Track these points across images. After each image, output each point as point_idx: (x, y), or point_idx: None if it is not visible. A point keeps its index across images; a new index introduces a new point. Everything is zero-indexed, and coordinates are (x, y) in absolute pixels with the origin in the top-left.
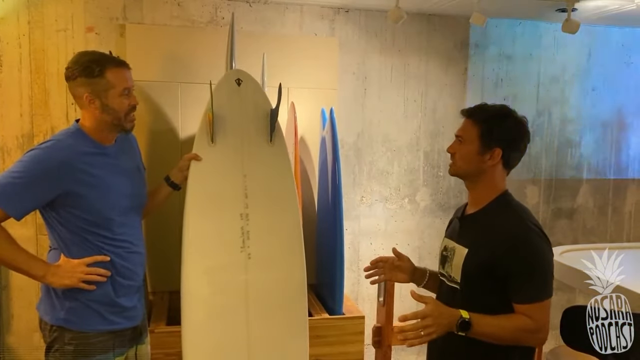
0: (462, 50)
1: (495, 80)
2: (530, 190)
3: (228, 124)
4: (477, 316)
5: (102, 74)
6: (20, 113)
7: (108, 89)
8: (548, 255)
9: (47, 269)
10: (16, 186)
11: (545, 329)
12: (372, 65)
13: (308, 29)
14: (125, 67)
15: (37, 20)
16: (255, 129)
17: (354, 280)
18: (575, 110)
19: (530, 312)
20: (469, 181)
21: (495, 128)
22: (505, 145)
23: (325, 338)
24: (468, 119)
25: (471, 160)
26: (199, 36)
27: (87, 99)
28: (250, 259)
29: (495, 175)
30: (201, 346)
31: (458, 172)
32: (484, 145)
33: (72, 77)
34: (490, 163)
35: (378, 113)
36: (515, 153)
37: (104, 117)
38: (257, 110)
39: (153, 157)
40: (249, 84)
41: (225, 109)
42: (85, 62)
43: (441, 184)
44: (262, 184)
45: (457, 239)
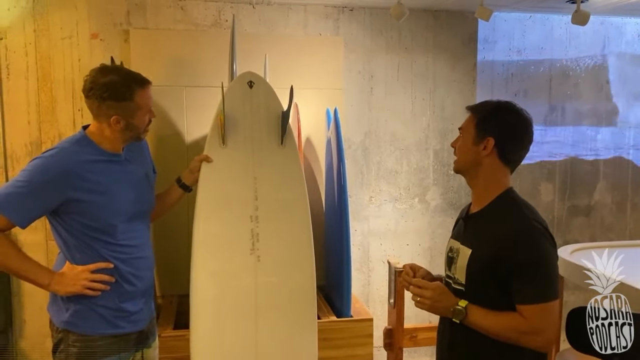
0: (470, 45)
1: (506, 75)
2: (544, 187)
3: (240, 126)
4: (474, 308)
5: (131, 98)
6: (28, 120)
7: (136, 111)
8: (551, 256)
9: (52, 277)
10: (20, 195)
11: (544, 332)
12: (378, 63)
13: (312, 29)
14: (149, 85)
15: (42, 29)
16: (267, 131)
17: (364, 282)
18: (590, 104)
19: (526, 313)
20: (469, 177)
21: (490, 118)
22: (497, 134)
23: (333, 341)
24: (469, 113)
25: (467, 151)
26: (203, 39)
27: (114, 121)
28: (260, 261)
29: (495, 170)
30: (210, 349)
31: (458, 166)
32: (478, 135)
33: (98, 98)
34: (484, 153)
35: (385, 112)
36: (509, 144)
37: (124, 134)
38: (269, 113)
39: (160, 161)
40: (261, 86)
41: (237, 111)
42: (111, 84)
43: (452, 182)
44: (272, 186)
45: (462, 239)
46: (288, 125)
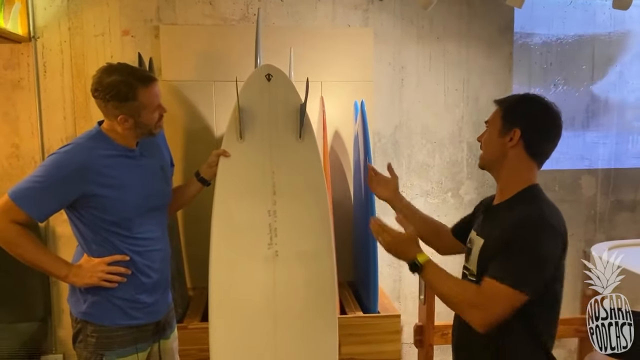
0: (506, 33)
1: (544, 64)
2: (585, 180)
3: (257, 119)
4: (433, 266)
5: (135, 98)
6: (64, 116)
7: (141, 110)
8: (545, 254)
9: (69, 270)
10: (37, 190)
11: (487, 310)
12: (409, 54)
13: (341, 21)
14: (154, 82)
15: (76, 27)
16: (285, 124)
17: (395, 277)
18: (636, 93)
19: (485, 286)
20: (495, 171)
21: (517, 109)
22: (524, 125)
23: (360, 336)
24: (496, 107)
25: (493, 143)
26: (232, 34)
27: (121, 120)
28: (278, 256)
29: (520, 163)
30: (228, 342)
31: (484, 161)
32: (505, 126)
33: (102, 99)
34: (510, 144)
35: (416, 104)
36: (536, 136)
37: (135, 131)
38: (287, 106)
39: (189, 156)
40: (279, 79)
41: (255, 105)
42: (114, 85)
43: (487, 176)
44: (290, 180)
45: (479, 230)
46: (307, 119)
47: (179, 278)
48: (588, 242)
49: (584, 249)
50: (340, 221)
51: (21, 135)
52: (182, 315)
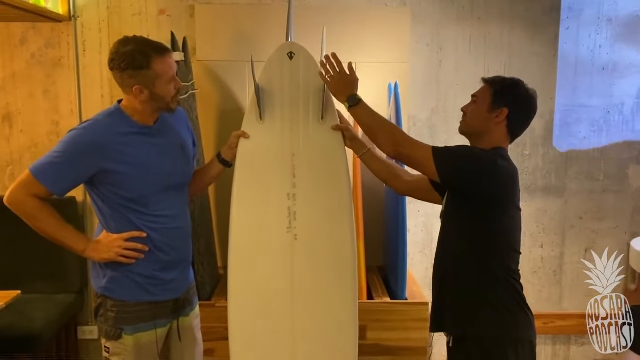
0: (551, 15)
1: (593, 47)
2: (634, 170)
3: (277, 100)
4: (366, 105)
5: (149, 66)
6: (102, 94)
7: (155, 79)
8: (480, 154)
9: (87, 244)
10: (56, 165)
11: (402, 146)
12: (448, 35)
13: (378, 0)
14: (169, 53)
15: (115, 6)
16: (306, 105)
17: (427, 265)
18: None
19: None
20: (473, 140)
21: (507, 90)
22: (512, 106)
23: (386, 322)
24: (485, 84)
25: (480, 117)
26: (266, 13)
27: (136, 90)
28: (297, 240)
29: (499, 139)
30: (246, 326)
31: (466, 128)
32: (494, 104)
33: (118, 68)
34: (496, 121)
35: (454, 87)
36: (520, 118)
37: (152, 105)
38: (309, 86)
39: (222, 137)
40: (301, 57)
41: (276, 84)
42: (129, 53)
43: (527, 163)
44: (311, 163)
45: None
46: (330, 99)
47: (209, 257)
48: (634, 235)
49: (628, 241)
50: (371, 205)
51: (61, 113)
52: (211, 294)
